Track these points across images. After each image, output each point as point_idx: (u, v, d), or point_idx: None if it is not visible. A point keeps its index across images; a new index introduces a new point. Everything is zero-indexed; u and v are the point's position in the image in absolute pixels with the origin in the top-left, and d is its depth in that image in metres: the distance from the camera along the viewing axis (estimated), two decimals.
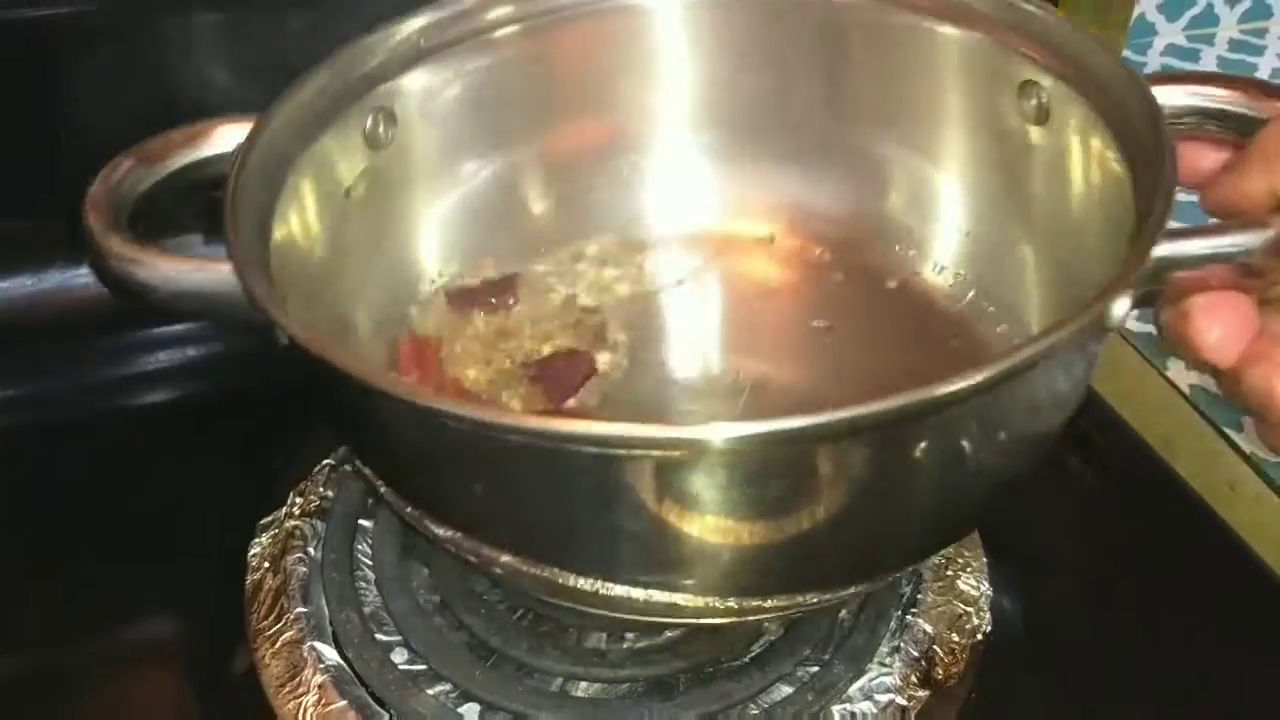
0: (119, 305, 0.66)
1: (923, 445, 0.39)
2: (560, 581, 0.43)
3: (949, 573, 0.54)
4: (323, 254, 0.51)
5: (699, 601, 0.42)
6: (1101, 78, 0.48)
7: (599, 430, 0.37)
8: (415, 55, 0.53)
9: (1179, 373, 0.68)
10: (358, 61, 0.52)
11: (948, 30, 0.54)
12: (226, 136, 0.48)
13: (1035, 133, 0.52)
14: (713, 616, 0.43)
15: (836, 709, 0.49)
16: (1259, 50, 0.98)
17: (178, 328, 0.67)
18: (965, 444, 0.40)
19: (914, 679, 0.50)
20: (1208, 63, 0.96)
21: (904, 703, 0.49)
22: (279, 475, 0.56)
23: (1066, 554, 0.58)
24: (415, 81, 0.53)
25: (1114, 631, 0.54)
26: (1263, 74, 0.95)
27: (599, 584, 0.42)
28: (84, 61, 0.62)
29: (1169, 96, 0.47)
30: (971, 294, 0.56)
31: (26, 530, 0.57)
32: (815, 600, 0.45)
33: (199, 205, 0.48)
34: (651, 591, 0.42)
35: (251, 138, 0.47)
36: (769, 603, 0.44)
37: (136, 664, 0.53)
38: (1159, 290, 0.41)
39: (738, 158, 0.60)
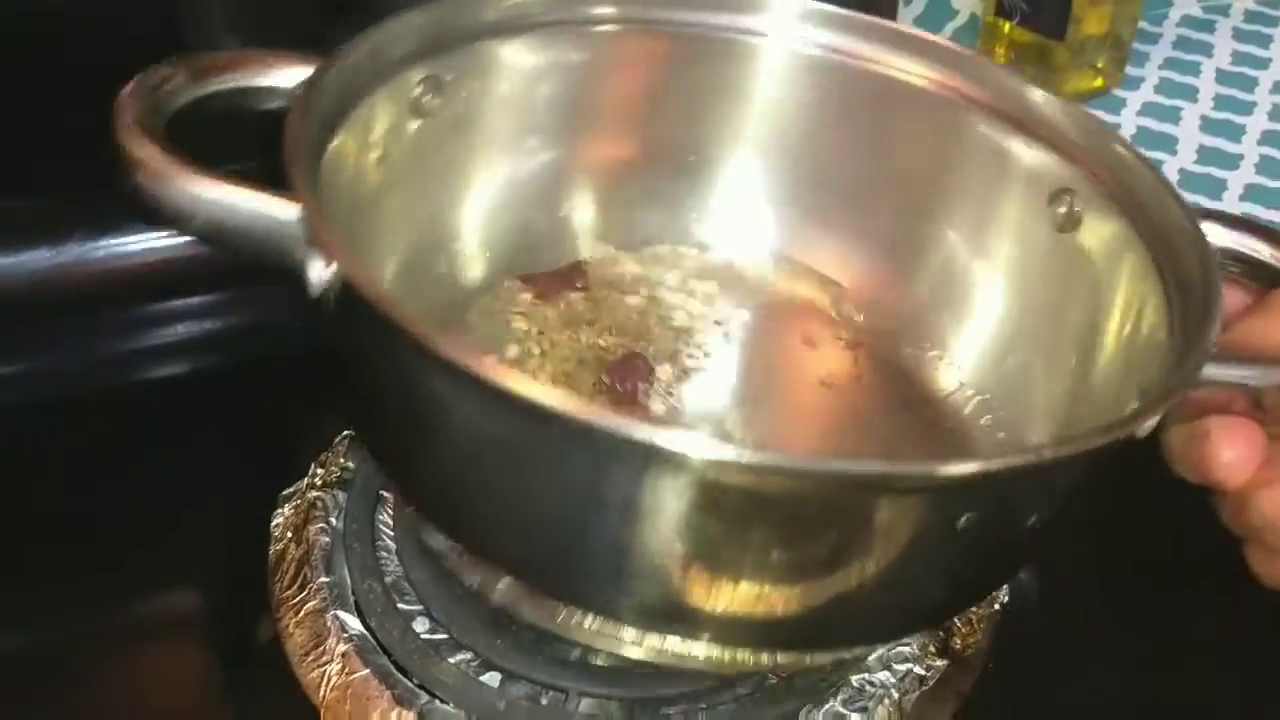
0: (136, 278, 0.67)
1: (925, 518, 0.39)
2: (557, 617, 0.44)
3: None
4: (363, 211, 0.50)
5: (706, 650, 0.43)
6: (1149, 207, 0.49)
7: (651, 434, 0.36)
8: (489, 29, 0.53)
9: None
10: (420, 27, 0.50)
11: (1010, 139, 0.54)
12: (278, 72, 0.47)
13: (1070, 243, 0.53)
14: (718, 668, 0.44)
15: (855, 678, 0.49)
16: (1274, 22, 0.97)
17: (195, 301, 0.67)
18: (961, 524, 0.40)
19: (932, 649, 0.50)
20: (1222, 34, 0.95)
21: (922, 672, 0.50)
22: (300, 447, 0.56)
23: (1084, 524, 0.58)
24: (477, 56, 0.53)
25: (1131, 602, 0.55)
26: (1277, 45, 0.95)
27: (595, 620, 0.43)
28: (103, 35, 0.62)
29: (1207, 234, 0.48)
30: (980, 402, 0.56)
31: (45, 504, 0.57)
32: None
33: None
34: (650, 636, 0.42)
35: (315, 79, 0.45)
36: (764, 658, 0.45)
37: (160, 636, 0.54)
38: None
39: (803, 218, 0.60)
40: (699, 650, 0.42)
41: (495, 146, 0.56)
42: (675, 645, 0.42)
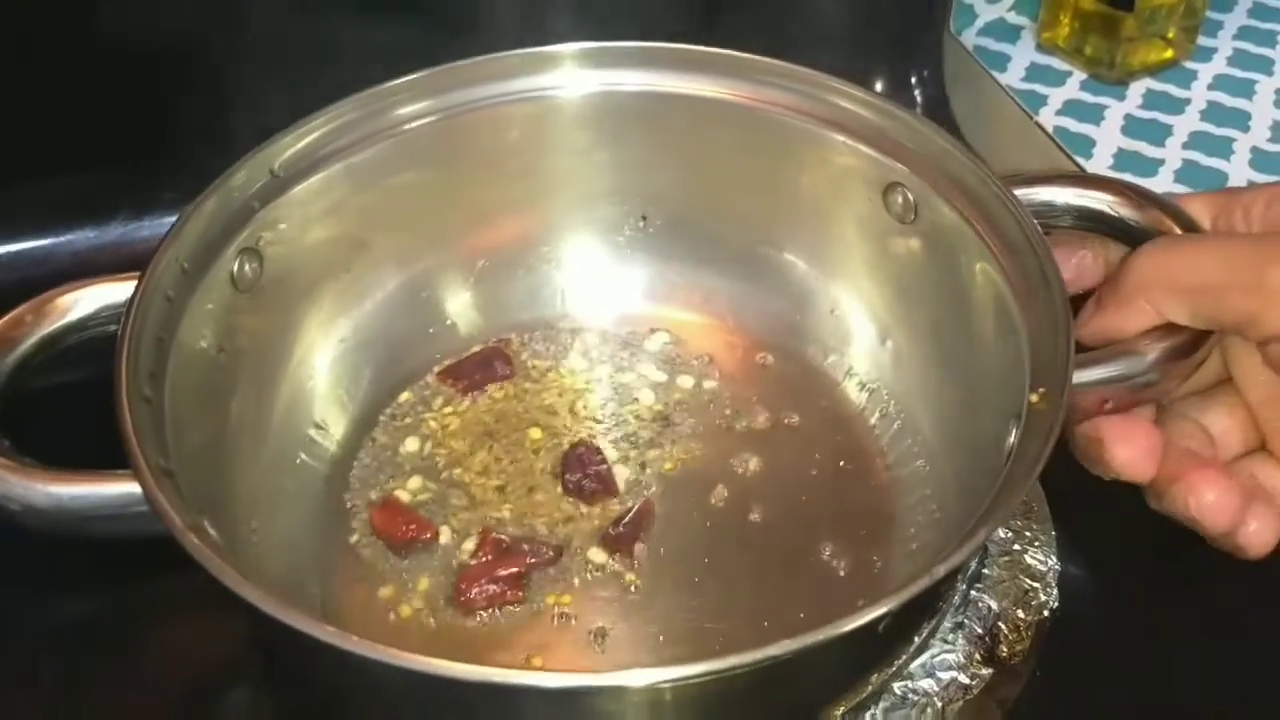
0: None
1: None
2: None
3: (1016, 547, 0.51)
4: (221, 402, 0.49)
5: None
6: (976, 191, 0.50)
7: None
8: (276, 187, 0.51)
9: None
10: (221, 202, 0.49)
11: (831, 134, 0.54)
12: (82, 303, 0.46)
13: (912, 238, 0.53)
14: None
15: (898, 685, 0.47)
16: None
17: None
18: None
19: (978, 656, 0.48)
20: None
21: (966, 680, 0.47)
22: None
23: (1137, 527, 0.55)
24: (281, 213, 0.51)
25: (1184, 607, 0.52)
26: None
27: None
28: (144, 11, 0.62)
29: (1053, 195, 0.50)
30: (870, 392, 0.56)
31: None
32: None
33: None
34: None
35: (130, 312, 0.44)
36: None
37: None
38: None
39: (654, 253, 0.60)
40: None
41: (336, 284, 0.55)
42: None
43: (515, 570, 0.50)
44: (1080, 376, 0.44)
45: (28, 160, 0.63)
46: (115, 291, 0.46)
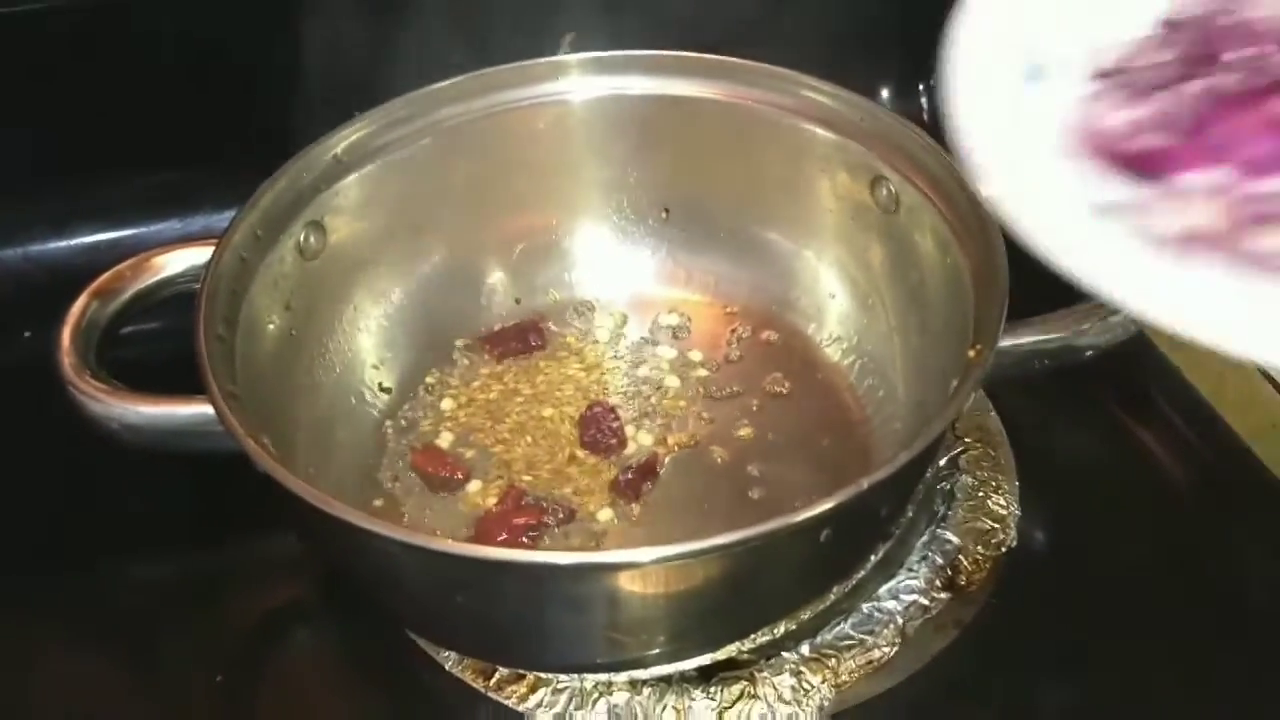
0: None
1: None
2: None
3: (980, 494, 0.58)
4: (284, 365, 0.56)
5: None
6: (942, 180, 0.55)
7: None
8: (339, 171, 0.58)
9: None
10: (292, 180, 0.57)
11: (818, 131, 0.60)
12: (172, 263, 0.54)
13: (890, 221, 0.59)
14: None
15: (865, 605, 0.54)
16: None
17: None
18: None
19: (938, 583, 0.54)
20: None
21: (926, 603, 0.53)
22: None
23: (1094, 479, 0.61)
24: (342, 194, 0.59)
25: (1132, 549, 0.57)
26: None
27: None
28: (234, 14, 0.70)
29: None
30: (854, 360, 0.63)
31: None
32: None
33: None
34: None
35: (210, 265, 0.52)
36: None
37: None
38: None
39: (668, 240, 0.67)
40: None
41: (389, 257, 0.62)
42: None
43: (528, 521, 0.56)
44: (1012, 340, 0.50)
45: (125, 159, 0.72)
46: (201, 254, 0.53)
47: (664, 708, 0.50)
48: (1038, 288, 0.51)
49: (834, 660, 0.52)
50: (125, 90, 0.70)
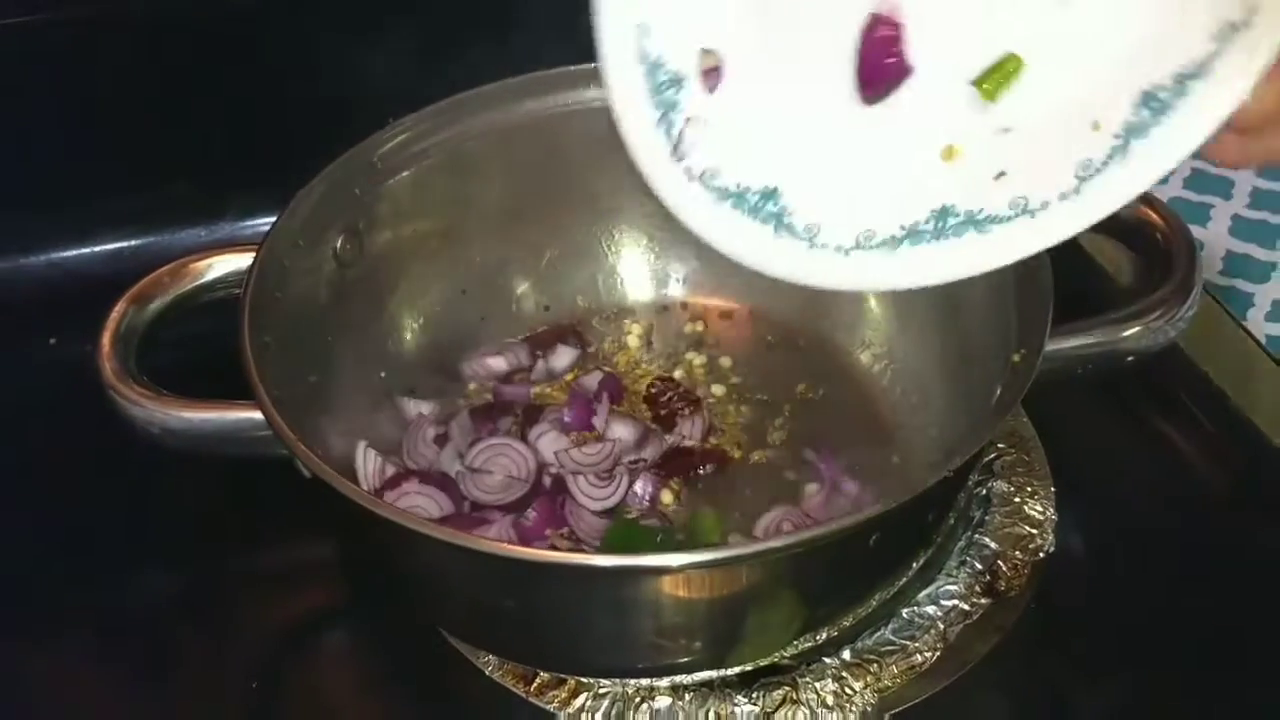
0: None
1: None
2: None
3: (1017, 499, 0.58)
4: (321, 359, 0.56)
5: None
6: None
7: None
8: (377, 177, 0.58)
9: (1256, 323, 0.71)
10: (331, 186, 0.57)
11: None
12: (211, 269, 0.54)
13: None
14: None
15: (905, 610, 0.54)
16: None
17: None
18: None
19: (978, 589, 0.54)
20: None
21: (966, 608, 0.53)
22: None
23: (1135, 488, 0.60)
24: (380, 200, 0.59)
25: (1170, 554, 0.57)
26: None
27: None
28: (271, 43, 0.70)
29: None
30: (886, 366, 0.63)
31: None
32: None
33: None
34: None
35: (253, 270, 0.52)
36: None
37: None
38: None
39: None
40: None
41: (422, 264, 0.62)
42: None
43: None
44: (1056, 345, 0.50)
45: (148, 167, 0.72)
46: (240, 260, 0.54)
47: (707, 712, 0.50)
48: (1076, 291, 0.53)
49: (876, 665, 0.52)
50: (148, 98, 0.70)
